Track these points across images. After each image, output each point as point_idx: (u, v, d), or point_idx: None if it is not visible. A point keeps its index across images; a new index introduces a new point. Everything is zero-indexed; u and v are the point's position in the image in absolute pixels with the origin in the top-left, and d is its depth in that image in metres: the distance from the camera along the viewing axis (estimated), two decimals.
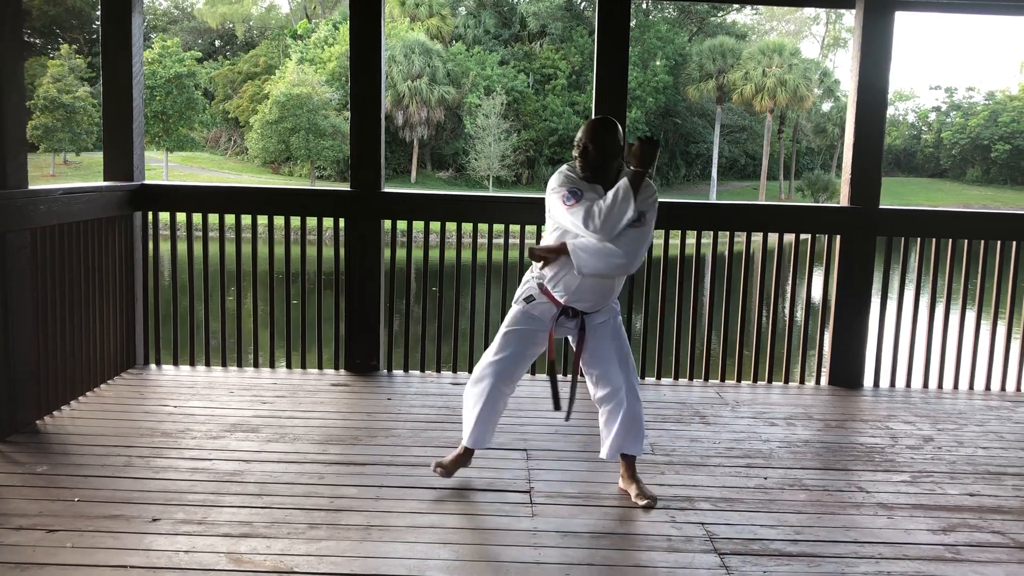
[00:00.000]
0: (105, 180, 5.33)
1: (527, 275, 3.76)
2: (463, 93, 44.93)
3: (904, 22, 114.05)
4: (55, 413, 4.53)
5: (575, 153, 3.62)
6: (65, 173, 41.49)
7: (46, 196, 4.35)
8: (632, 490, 3.67)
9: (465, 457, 3.83)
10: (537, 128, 45.93)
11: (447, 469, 3.78)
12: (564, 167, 3.65)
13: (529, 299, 3.67)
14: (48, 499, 3.47)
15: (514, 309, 3.73)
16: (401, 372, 5.60)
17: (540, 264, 3.64)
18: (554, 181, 3.60)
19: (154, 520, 3.31)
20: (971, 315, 5.59)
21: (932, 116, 61.41)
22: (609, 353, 3.65)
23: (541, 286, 3.64)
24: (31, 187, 4.26)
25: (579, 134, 3.60)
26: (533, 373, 5.58)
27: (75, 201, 4.62)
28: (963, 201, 50.25)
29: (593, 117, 3.73)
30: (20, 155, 4.16)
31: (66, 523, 3.26)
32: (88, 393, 4.88)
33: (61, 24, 51.93)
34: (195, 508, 3.43)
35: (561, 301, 3.60)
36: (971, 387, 5.63)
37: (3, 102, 4.02)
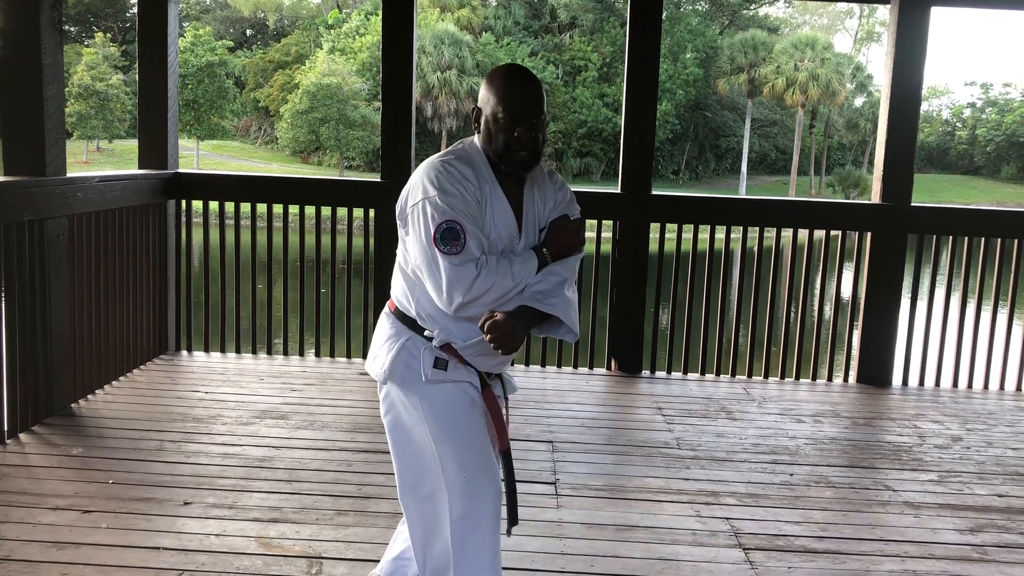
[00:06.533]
0: (140, 168, 5.40)
1: (392, 336, 2.40)
2: None
3: (939, 17, 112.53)
4: (89, 397, 4.62)
5: (491, 128, 2.27)
6: (98, 160, 42.01)
7: (83, 184, 4.42)
8: None
9: None
10: (566, 120, 45.83)
11: None
12: (449, 157, 2.30)
13: (441, 365, 2.33)
14: (83, 480, 3.55)
15: (430, 393, 2.33)
16: None
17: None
18: (423, 189, 2.24)
19: (185, 504, 3.38)
20: (1003, 314, 5.53)
21: (967, 112, 60.44)
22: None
23: (447, 346, 2.33)
24: (68, 175, 4.34)
25: (491, 96, 2.27)
26: (559, 366, 5.60)
27: (111, 189, 4.69)
28: (997, 199, 49.48)
29: (504, 64, 2.37)
30: (59, 143, 4.24)
31: (100, 504, 3.33)
32: (121, 378, 4.96)
33: (96, 12, 52.52)
34: (225, 493, 3.49)
35: (479, 367, 2.38)
36: (1001, 387, 5.56)
37: (43, 92, 4.10)
